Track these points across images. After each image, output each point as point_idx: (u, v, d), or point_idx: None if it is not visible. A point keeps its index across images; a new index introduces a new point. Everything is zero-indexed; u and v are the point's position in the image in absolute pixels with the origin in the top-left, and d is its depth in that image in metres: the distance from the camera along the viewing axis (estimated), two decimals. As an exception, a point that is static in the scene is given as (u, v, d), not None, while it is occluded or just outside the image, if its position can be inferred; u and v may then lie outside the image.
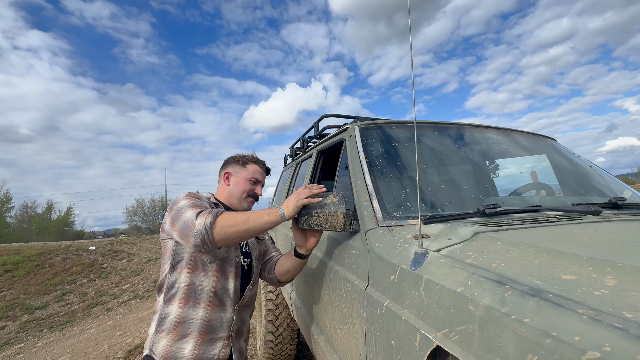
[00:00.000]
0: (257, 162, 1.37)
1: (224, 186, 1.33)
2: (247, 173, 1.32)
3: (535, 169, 1.84)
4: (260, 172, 1.36)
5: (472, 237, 0.81)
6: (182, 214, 1.02)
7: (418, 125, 1.58)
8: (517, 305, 0.52)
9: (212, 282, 1.12)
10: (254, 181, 1.33)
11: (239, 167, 1.33)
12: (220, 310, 1.13)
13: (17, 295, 6.40)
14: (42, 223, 31.72)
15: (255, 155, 1.40)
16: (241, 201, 1.31)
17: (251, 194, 1.32)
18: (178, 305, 1.08)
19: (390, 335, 0.79)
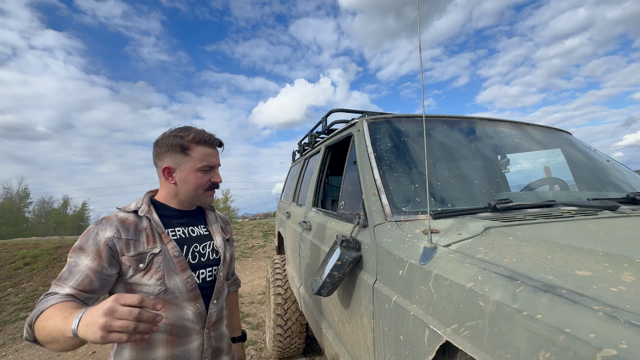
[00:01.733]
0: (204, 142, 0.99)
1: (168, 185, 1.00)
2: (194, 162, 0.98)
3: (549, 164, 1.79)
4: (211, 154, 1.01)
5: (482, 232, 0.79)
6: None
7: (427, 120, 1.56)
8: (529, 301, 0.50)
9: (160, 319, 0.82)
10: (207, 169, 1.00)
11: (179, 155, 0.97)
12: (184, 344, 0.92)
13: (36, 287, 6.63)
14: (59, 218, 32.72)
15: (196, 129, 0.99)
16: (199, 198, 1.03)
17: (209, 187, 1.03)
18: (130, 348, 0.88)
19: (399, 330, 0.79)
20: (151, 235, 0.94)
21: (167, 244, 0.96)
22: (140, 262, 0.90)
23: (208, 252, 1.06)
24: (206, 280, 1.02)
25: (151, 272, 0.91)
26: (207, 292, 1.02)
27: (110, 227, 0.89)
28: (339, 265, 1.05)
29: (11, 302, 6.12)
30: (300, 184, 2.82)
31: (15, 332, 5.37)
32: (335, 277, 1.06)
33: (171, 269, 0.94)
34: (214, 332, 1.02)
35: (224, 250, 1.09)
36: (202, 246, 1.05)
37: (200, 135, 0.99)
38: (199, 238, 1.06)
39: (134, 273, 0.89)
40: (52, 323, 0.68)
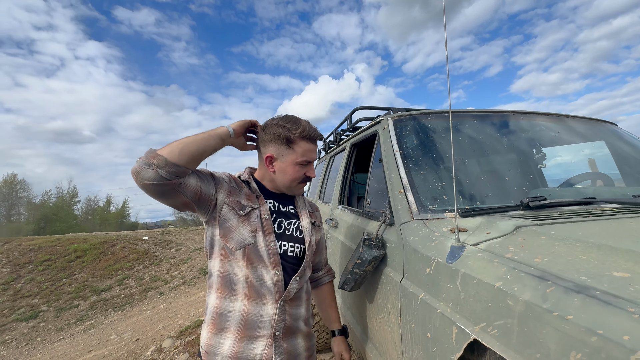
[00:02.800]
0: (307, 138, 1.03)
1: (266, 170, 1.07)
2: (295, 156, 1.03)
3: (591, 157, 1.68)
4: (312, 150, 1.06)
5: (513, 231, 0.78)
6: None
7: (456, 115, 1.52)
8: (560, 302, 0.50)
9: (244, 271, 0.96)
10: (305, 163, 1.05)
11: (283, 147, 1.02)
12: (259, 305, 0.96)
13: (86, 278, 7.28)
14: (103, 215, 35.41)
15: (301, 122, 1.04)
16: (291, 190, 1.10)
17: (303, 180, 1.08)
18: (215, 295, 0.98)
19: (426, 327, 0.80)
20: (251, 195, 1.05)
21: (262, 205, 1.04)
22: (241, 209, 1.00)
23: (293, 228, 1.09)
24: (287, 253, 1.05)
25: (247, 223, 1.00)
26: (290, 266, 1.04)
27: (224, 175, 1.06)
28: (359, 264, 1.07)
29: (66, 291, 6.77)
30: (325, 182, 2.86)
31: (70, 318, 5.95)
32: (356, 274, 1.08)
33: (261, 228, 1.01)
34: (290, 309, 1.02)
35: (309, 231, 1.11)
36: (288, 222, 1.09)
37: (307, 131, 1.03)
38: (286, 214, 1.11)
39: (233, 217, 0.99)
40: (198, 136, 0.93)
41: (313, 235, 1.12)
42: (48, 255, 7.99)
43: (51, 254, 8.08)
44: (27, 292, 6.68)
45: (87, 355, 4.10)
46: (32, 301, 6.41)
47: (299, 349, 1.05)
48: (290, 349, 1.02)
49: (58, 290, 6.81)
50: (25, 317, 5.92)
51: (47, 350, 4.78)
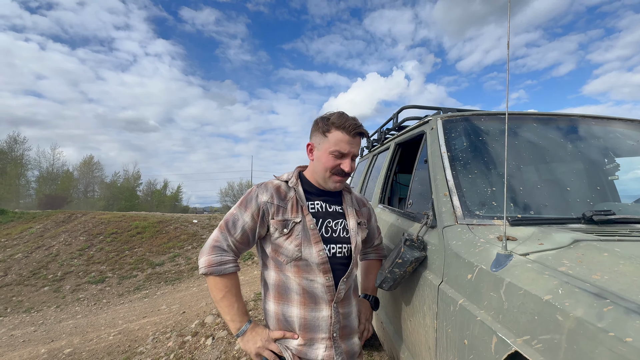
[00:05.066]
0: (342, 127, 1.01)
1: (310, 161, 1.11)
2: (328, 145, 1.02)
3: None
4: (346, 141, 1.02)
5: (570, 244, 0.72)
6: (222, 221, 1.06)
7: (515, 117, 1.42)
8: (618, 322, 0.46)
9: (296, 281, 1.01)
10: (338, 154, 1.02)
11: (320, 136, 1.04)
12: (314, 310, 1.01)
13: (144, 252, 8.14)
14: (160, 197, 39.14)
15: (342, 115, 1.04)
16: (326, 181, 1.07)
17: (336, 171, 1.04)
18: (273, 302, 1.05)
19: (464, 334, 0.78)
20: (295, 205, 1.05)
21: (305, 215, 1.05)
22: (284, 227, 1.02)
23: (339, 229, 1.09)
24: (336, 255, 1.06)
25: (291, 238, 1.02)
26: (338, 267, 1.06)
27: (267, 192, 1.05)
28: (400, 263, 1.06)
29: (127, 262, 7.65)
30: (367, 180, 2.85)
31: (130, 286, 6.72)
32: (396, 274, 1.08)
33: (307, 239, 1.02)
34: (342, 309, 1.06)
35: (355, 232, 1.11)
36: (335, 222, 1.09)
37: (340, 120, 1.02)
38: (333, 214, 1.10)
39: (279, 236, 1.03)
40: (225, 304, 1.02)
41: (359, 235, 1.12)
42: (115, 229, 9.07)
43: (117, 228, 9.16)
44: (97, 259, 7.68)
45: (141, 320, 4.61)
46: (100, 267, 7.36)
47: (355, 348, 1.11)
48: (348, 349, 1.08)
49: (121, 260, 7.72)
50: (95, 280, 6.83)
51: (110, 312, 5.48)
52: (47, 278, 6.92)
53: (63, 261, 7.55)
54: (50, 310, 5.83)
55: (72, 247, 8.17)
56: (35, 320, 5.41)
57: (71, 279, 6.88)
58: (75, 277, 6.95)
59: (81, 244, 8.29)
